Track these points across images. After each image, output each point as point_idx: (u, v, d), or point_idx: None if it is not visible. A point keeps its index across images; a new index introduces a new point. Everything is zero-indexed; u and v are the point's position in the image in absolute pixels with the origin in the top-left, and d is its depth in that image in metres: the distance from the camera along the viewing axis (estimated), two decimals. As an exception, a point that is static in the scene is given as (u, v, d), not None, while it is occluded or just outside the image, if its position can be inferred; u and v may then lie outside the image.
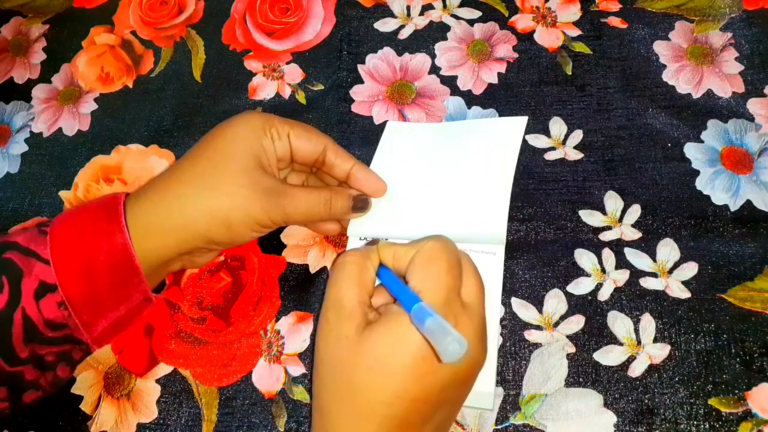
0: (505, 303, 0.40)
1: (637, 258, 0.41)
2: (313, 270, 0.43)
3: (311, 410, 0.37)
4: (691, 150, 0.44)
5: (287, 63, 0.52)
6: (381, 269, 0.36)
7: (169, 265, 0.39)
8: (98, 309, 0.36)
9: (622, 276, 0.40)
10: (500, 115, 0.47)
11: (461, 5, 0.53)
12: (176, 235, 0.37)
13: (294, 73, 0.52)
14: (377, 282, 0.36)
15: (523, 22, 0.51)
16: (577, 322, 0.39)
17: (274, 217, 0.38)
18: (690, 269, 0.40)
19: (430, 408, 0.31)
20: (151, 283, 0.38)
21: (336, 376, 0.32)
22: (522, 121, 0.46)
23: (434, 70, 0.50)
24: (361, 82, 0.50)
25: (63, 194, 0.49)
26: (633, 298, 0.40)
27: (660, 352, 0.38)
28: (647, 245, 0.41)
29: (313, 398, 0.35)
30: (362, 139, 0.48)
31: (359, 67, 0.51)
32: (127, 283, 0.36)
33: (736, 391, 0.36)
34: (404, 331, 0.31)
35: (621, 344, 0.39)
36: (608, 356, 0.38)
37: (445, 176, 0.44)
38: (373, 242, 0.37)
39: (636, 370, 0.38)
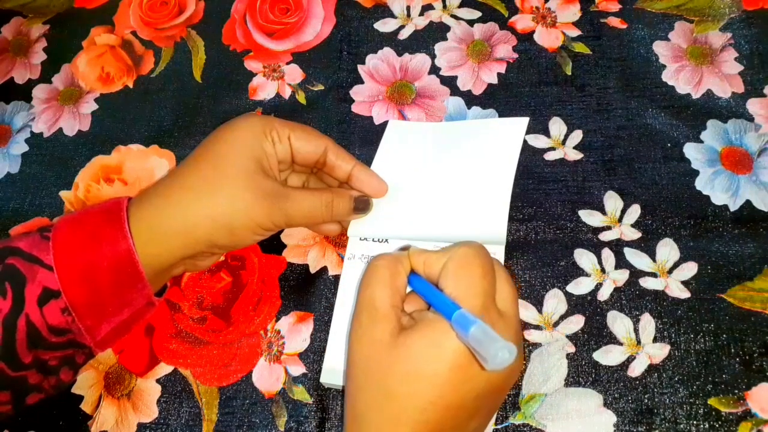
0: (505, 303, 0.41)
1: (637, 258, 0.41)
2: (313, 270, 0.43)
3: (343, 412, 0.36)
4: (690, 150, 0.44)
5: (287, 63, 0.52)
6: (412, 276, 0.35)
7: (171, 269, 0.39)
8: (101, 314, 0.36)
9: (622, 276, 0.40)
10: (500, 116, 0.47)
11: (461, 5, 0.53)
12: (179, 240, 0.37)
13: (294, 74, 0.52)
14: (408, 288, 0.35)
15: (522, 22, 0.51)
16: (576, 322, 0.40)
17: (276, 220, 0.38)
18: (690, 269, 0.40)
19: (464, 415, 0.31)
20: (154, 287, 0.38)
21: (370, 380, 0.32)
22: (523, 122, 0.46)
23: (434, 70, 0.50)
24: (361, 82, 0.50)
25: (63, 194, 0.49)
26: (633, 298, 0.40)
27: (660, 352, 0.38)
28: (647, 245, 0.41)
29: (345, 401, 0.34)
30: (362, 139, 0.48)
31: (359, 67, 0.51)
32: (130, 288, 0.36)
33: (736, 391, 0.37)
34: (441, 338, 0.30)
35: (621, 344, 0.39)
36: (608, 356, 0.38)
37: (446, 177, 0.44)
38: (405, 248, 0.37)
39: (636, 369, 0.38)
